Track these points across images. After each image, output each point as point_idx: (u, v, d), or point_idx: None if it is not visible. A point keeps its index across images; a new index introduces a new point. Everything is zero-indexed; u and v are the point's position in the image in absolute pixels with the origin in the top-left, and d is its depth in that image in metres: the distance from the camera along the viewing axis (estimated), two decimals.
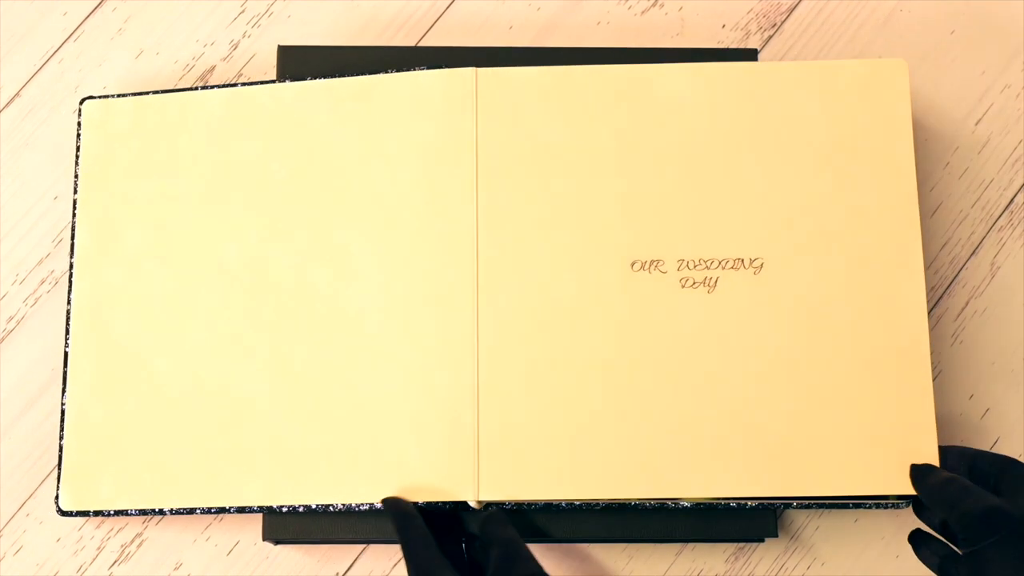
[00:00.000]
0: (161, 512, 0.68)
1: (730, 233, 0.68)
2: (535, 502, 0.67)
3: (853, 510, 0.71)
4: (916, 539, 0.64)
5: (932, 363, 0.73)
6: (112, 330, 0.71)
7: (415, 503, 0.66)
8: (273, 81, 0.73)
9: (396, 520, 0.64)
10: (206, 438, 0.68)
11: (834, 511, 0.71)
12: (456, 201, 0.69)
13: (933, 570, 0.62)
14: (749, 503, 0.67)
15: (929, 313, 0.74)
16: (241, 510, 0.68)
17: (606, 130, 0.69)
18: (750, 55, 0.75)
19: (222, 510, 0.68)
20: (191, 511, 0.68)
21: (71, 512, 0.69)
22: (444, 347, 0.67)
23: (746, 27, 0.78)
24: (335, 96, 0.71)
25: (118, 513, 0.68)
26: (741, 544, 0.72)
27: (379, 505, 0.66)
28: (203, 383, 0.69)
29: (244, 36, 0.79)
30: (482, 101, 0.70)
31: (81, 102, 0.74)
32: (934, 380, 0.73)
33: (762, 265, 0.67)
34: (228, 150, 0.72)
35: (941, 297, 0.75)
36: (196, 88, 0.73)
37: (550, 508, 0.68)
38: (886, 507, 0.68)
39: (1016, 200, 0.76)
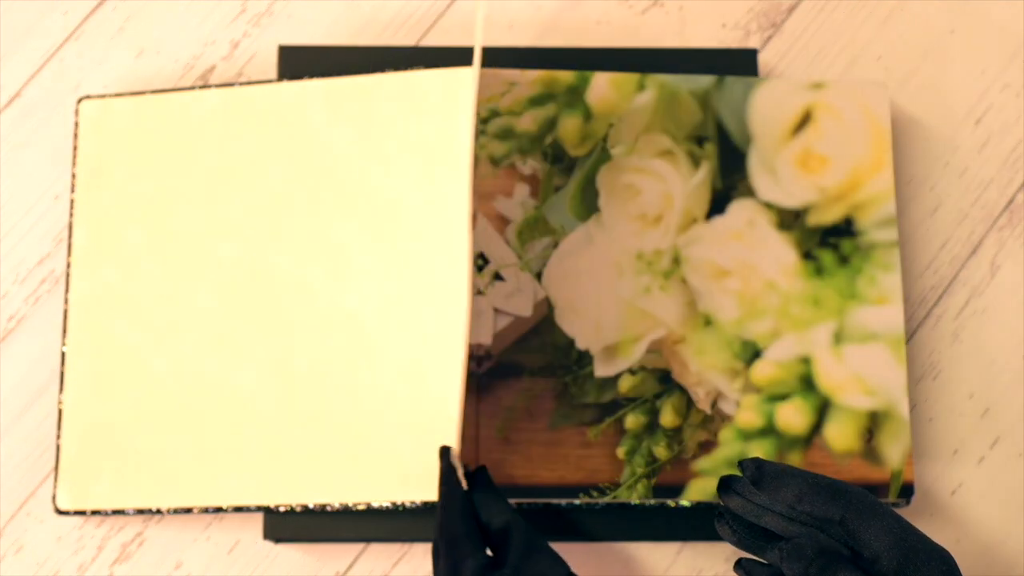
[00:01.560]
0: (159, 512, 0.68)
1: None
2: (535, 502, 0.67)
3: None
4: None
5: (932, 362, 0.73)
6: (109, 329, 0.71)
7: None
8: (273, 81, 0.73)
9: (445, 475, 0.64)
10: (204, 437, 0.69)
11: None
12: (454, 201, 0.69)
13: None
14: None
15: (929, 312, 0.74)
16: (239, 510, 0.68)
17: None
18: (750, 55, 0.75)
19: (219, 510, 0.68)
20: (188, 511, 0.68)
21: (68, 511, 0.69)
22: (442, 346, 0.67)
23: (746, 26, 0.78)
24: (335, 96, 0.72)
25: (116, 513, 0.68)
26: None
27: (376, 504, 0.66)
28: (201, 382, 0.69)
29: (244, 36, 0.79)
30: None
31: (79, 102, 0.74)
32: (934, 380, 0.73)
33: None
34: (227, 150, 0.72)
35: (941, 296, 0.74)
36: (194, 88, 0.73)
37: (550, 507, 0.68)
38: None
39: (1016, 199, 0.76)
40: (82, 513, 0.69)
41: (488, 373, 0.68)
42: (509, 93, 0.71)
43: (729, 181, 0.71)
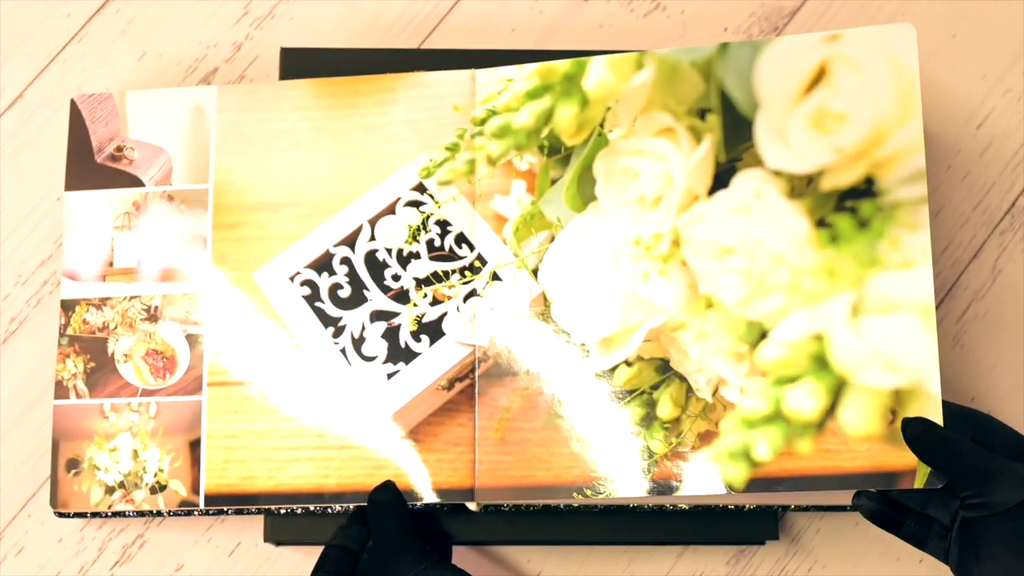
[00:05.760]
0: (159, 514, 0.68)
1: None
2: (535, 505, 0.67)
3: (854, 513, 0.71)
4: (888, 518, 0.63)
5: None
6: None
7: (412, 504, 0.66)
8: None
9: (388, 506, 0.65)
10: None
11: (835, 513, 0.71)
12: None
13: (916, 544, 0.62)
14: (748, 506, 0.67)
15: None
16: (240, 512, 0.68)
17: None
18: None
19: (221, 512, 0.68)
20: (189, 512, 0.68)
21: (67, 514, 0.69)
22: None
23: (748, 30, 0.78)
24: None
25: (116, 515, 0.68)
26: (742, 547, 0.72)
27: None
28: None
29: (247, 38, 0.79)
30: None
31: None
32: None
33: None
34: None
35: (943, 300, 0.74)
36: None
37: (550, 510, 0.68)
38: None
39: (1018, 204, 0.76)
40: (82, 515, 0.69)
41: (485, 374, 0.68)
42: (507, 90, 0.70)
43: (734, 152, 0.66)
